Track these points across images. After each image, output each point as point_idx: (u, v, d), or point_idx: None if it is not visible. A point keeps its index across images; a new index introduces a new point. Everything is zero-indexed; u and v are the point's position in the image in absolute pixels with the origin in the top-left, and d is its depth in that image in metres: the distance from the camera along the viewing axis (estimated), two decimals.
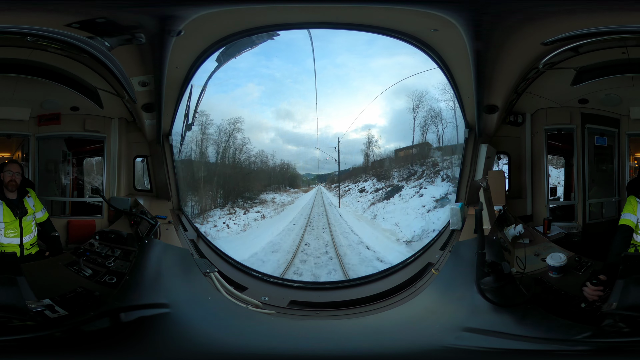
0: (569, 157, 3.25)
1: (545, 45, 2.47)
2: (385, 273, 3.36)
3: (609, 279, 2.11)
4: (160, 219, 2.98)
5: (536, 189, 3.21)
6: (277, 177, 8.15)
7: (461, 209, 3.15)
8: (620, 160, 3.11)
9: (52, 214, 3.00)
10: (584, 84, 2.95)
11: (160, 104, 3.05)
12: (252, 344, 2.13)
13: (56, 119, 3.07)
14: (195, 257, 2.90)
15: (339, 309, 2.91)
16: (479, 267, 2.31)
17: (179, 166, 3.63)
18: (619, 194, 3.11)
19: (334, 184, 8.36)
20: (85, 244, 2.72)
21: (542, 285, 2.36)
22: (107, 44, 2.42)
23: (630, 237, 2.47)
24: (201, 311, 2.32)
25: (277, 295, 3.03)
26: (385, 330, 2.32)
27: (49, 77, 2.88)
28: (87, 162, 3.42)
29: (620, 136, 3.09)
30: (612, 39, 2.46)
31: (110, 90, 3.03)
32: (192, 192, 6.67)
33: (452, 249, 2.88)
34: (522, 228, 2.73)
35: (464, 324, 2.11)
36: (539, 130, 3.17)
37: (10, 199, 2.69)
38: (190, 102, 3.49)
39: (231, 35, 3.07)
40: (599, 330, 1.92)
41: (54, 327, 1.99)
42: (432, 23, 2.70)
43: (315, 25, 3.20)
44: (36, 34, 2.31)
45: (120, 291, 2.30)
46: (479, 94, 2.87)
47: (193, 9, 2.48)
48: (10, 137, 3.04)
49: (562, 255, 2.43)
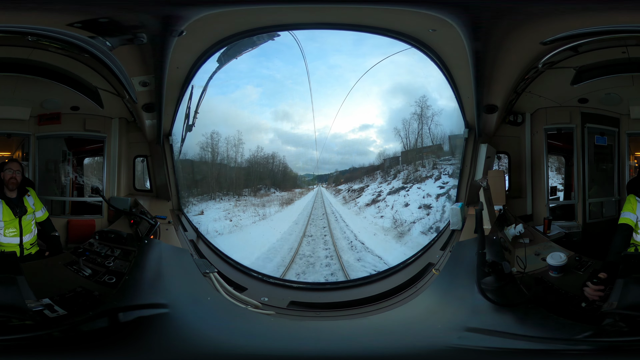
0: (569, 157, 3.25)
1: (545, 44, 2.48)
2: (386, 273, 3.36)
3: (609, 277, 2.11)
4: (160, 219, 2.98)
5: (536, 189, 3.21)
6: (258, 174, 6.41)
7: (461, 209, 3.15)
8: (620, 160, 3.11)
9: (52, 213, 3.00)
10: (584, 84, 2.96)
11: (160, 104, 3.05)
12: (251, 344, 2.11)
13: (56, 119, 3.07)
14: (194, 258, 2.89)
15: (339, 309, 2.90)
16: (480, 267, 2.30)
17: (179, 166, 3.63)
18: (619, 193, 3.11)
19: (339, 185, 7.10)
20: (85, 244, 2.72)
21: (543, 284, 2.35)
22: (108, 44, 2.42)
23: (630, 235, 2.48)
24: (200, 312, 2.32)
25: (277, 295, 3.02)
26: (387, 331, 2.32)
27: (49, 76, 2.89)
28: (87, 162, 3.42)
29: (620, 135, 3.09)
30: (612, 38, 2.46)
31: (111, 90, 3.04)
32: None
33: (453, 249, 2.88)
34: (522, 228, 2.72)
35: (466, 323, 2.11)
36: (538, 129, 3.17)
37: (10, 198, 2.69)
38: (190, 102, 3.50)
39: (232, 36, 3.08)
40: (600, 330, 1.91)
41: (53, 327, 1.99)
42: (430, 23, 2.71)
43: (315, 26, 3.21)
44: (37, 34, 2.32)
45: (120, 291, 2.30)
46: (479, 93, 2.87)
47: (196, 9, 2.49)
48: (11, 136, 3.04)
49: (563, 254, 2.43)
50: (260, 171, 6.55)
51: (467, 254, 2.53)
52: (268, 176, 6.60)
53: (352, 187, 7.15)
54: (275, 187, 6.71)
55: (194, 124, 3.62)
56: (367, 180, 6.97)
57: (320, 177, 7.56)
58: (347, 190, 7.15)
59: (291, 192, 6.92)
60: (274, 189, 6.67)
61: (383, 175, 6.74)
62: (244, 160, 6.39)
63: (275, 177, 6.68)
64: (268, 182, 6.54)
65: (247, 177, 6.53)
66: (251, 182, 6.53)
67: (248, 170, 6.51)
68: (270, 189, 6.63)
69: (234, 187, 6.42)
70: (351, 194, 7.06)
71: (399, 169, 6.74)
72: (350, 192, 7.14)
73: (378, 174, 6.80)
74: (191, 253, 2.93)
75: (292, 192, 6.93)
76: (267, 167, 6.62)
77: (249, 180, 6.54)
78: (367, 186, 6.91)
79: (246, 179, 6.54)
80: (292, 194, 6.91)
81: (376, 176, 6.80)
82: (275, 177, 6.68)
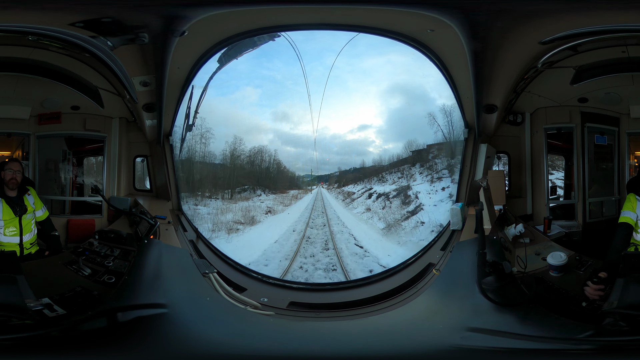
0: (569, 156, 3.24)
1: (543, 44, 2.48)
2: (386, 274, 3.35)
3: (609, 276, 2.11)
4: (159, 219, 2.98)
5: (536, 188, 3.20)
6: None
7: (461, 209, 3.14)
8: (620, 159, 3.10)
9: (52, 212, 3.00)
10: (584, 83, 2.96)
11: (161, 104, 3.06)
12: (250, 345, 2.10)
13: (57, 118, 3.08)
14: (194, 258, 2.89)
15: (339, 310, 2.89)
16: (480, 267, 2.30)
17: (179, 166, 3.62)
18: (619, 192, 3.11)
19: (345, 186, 4.90)
20: (85, 243, 2.71)
21: (543, 284, 2.35)
22: (109, 44, 2.42)
23: (630, 234, 2.47)
24: (199, 312, 2.31)
25: (277, 296, 3.01)
26: (388, 331, 2.31)
27: (49, 76, 2.90)
28: (87, 162, 3.42)
29: (620, 135, 3.09)
30: (612, 37, 2.47)
31: (112, 90, 3.04)
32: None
33: (453, 249, 2.88)
34: (522, 227, 2.72)
35: (467, 323, 2.10)
36: (538, 129, 3.17)
37: (10, 197, 2.69)
38: (191, 102, 3.51)
39: (233, 36, 3.09)
40: (601, 329, 1.91)
41: (52, 326, 1.98)
42: (428, 24, 2.71)
43: (315, 27, 3.22)
44: (38, 33, 2.33)
45: (119, 291, 2.29)
46: (478, 93, 2.88)
47: (199, 9, 2.50)
48: (11, 135, 3.04)
49: (563, 254, 2.42)
50: (246, 169, 4.76)
51: (467, 254, 2.53)
52: (252, 175, 4.75)
53: (372, 189, 4.46)
54: (263, 188, 4.89)
55: (194, 124, 3.62)
56: (392, 177, 4.79)
57: (320, 177, 7.12)
58: (364, 192, 4.48)
59: (283, 194, 4.99)
60: (260, 190, 4.80)
61: (428, 168, 4.25)
62: (211, 154, 4.57)
63: (261, 176, 4.91)
64: (253, 182, 4.69)
65: (219, 176, 4.66)
66: (224, 184, 4.65)
67: (222, 168, 4.69)
68: (257, 191, 4.75)
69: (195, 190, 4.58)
70: (382, 202, 4.28)
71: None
72: (378, 198, 4.33)
73: (408, 168, 4.56)
74: (191, 253, 2.92)
75: (284, 194, 4.98)
76: (255, 163, 4.86)
77: (221, 181, 4.58)
78: (406, 188, 4.31)
79: (217, 179, 4.62)
80: (283, 197, 4.89)
81: (409, 171, 4.58)
82: (262, 176, 4.88)
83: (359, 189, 4.84)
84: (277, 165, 5.00)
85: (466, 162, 3.29)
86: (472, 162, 3.21)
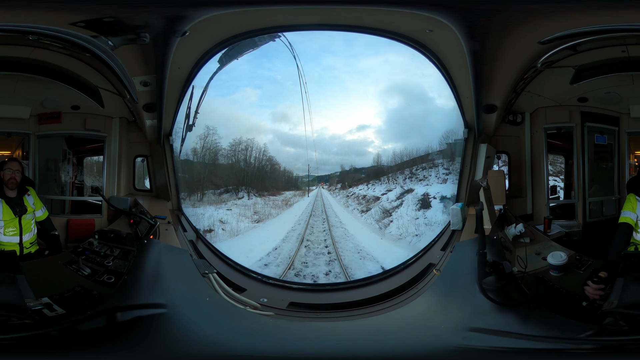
0: (569, 156, 3.25)
1: (543, 44, 2.48)
2: (387, 274, 3.34)
3: (610, 276, 2.11)
4: (159, 219, 2.98)
5: (536, 188, 3.20)
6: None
7: (461, 209, 3.14)
8: (621, 159, 3.10)
9: (52, 212, 3.00)
10: (583, 82, 2.96)
11: (161, 104, 3.06)
12: (250, 346, 2.10)
13: (57, 118, 3.08)
14: (194, 258, 2.88)
15: (339, 310, 2.88)
16: (481, 267, 2.30)
17: (179, 166, 3.62)
18: (619, 192, 3.11)
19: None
20: (85, 243, 2.71)
21: (544, 284, 2.35)
22: (110, 43, 2.43)
23: (630, 234, 2.48)
24: (198, 312, 2.31)
25: (276, 296, 3.01)
26: (389, 331, 2.30)
27: (50, 75, 2.90)
28: (88, 161, 3.42)
29: (620, 134, 3.09)
30: (611, 37, 2.47)
31: (112, 90, 3.04)
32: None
33: (453, 249, 2.87)
34: (522, 227, 2.72)
35: (468, 324, 2.10)
36: (538, 129, 3.17)
37: (10, 197, 2.69)
38: (191, 102, 3.50)
39: (234, 37, 3.09)
40: (601, 329, 1.91)
41: (52, 326, 1.98)
42: (426, 24, 2.72)
43: (315, 27, 3.23)
44: (38, 32, 2.33)
45: (118, 291, 2.29)
46: (478, 93, 2.88)
47: (201, 9, 2.50)
48: (11, 135, 3.05)
49: (563, 253, 2.43)
50: (234, 168, 3.93)
51: (467, 254, 2.52)
52: (235, 174, 3.80)
53: (407, 190, 3.12)
54: (250, 189, 3.93)
55: (194, 124, 3.62)
56: (424, 172, 3.70)
57: (320, 177, 6.92)
58: (400, 197, 3.06)
59: (275, 196, 3.95)
60: (244, 192, 3.85)
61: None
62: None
63: (247, 175, 4.01)
64: (234, 182, 3.76)
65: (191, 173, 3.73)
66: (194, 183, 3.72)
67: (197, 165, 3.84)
68: (240, 193, 3.82)
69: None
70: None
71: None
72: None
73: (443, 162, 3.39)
74: (190, 253, 2.92)
75: (276, 196, 3.93)
76: (240, 159, 4.02)
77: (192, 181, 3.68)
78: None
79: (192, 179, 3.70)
80: (272, 200, 3.79)
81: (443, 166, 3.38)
82: (248, 175, 3.96)
83: (382, 190, 3.41)
84: (268, 163, 4.23)
85: (466, 162, 3.30)
86: (472, 162, 3.22)
